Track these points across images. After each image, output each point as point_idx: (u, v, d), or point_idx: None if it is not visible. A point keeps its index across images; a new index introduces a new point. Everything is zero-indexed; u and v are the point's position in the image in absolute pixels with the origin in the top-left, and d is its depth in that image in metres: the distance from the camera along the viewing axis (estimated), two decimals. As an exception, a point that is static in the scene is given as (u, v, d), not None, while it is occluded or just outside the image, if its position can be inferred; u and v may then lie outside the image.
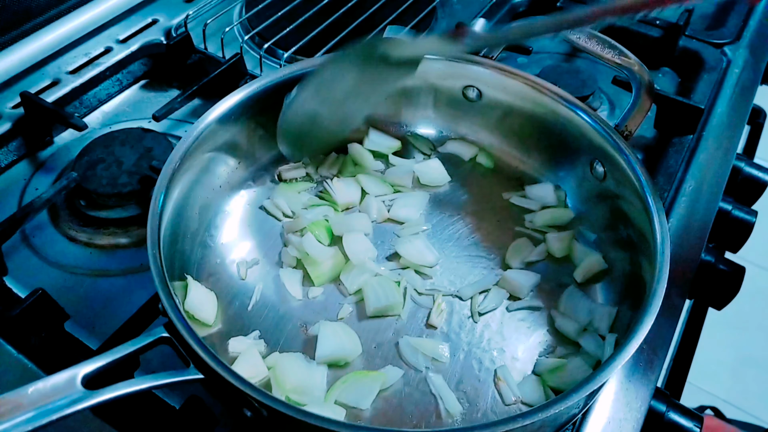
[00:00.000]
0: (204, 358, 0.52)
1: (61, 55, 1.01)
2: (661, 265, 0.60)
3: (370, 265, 0.73)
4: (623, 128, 0.72)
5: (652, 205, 0.65)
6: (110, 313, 0.72)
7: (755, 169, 0.95)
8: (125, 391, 0.51)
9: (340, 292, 0.73)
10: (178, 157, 0.69)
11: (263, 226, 0.79)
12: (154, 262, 0.59)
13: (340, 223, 0.77)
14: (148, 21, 1.09)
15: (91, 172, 0.82)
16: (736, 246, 0.91)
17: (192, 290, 0.67)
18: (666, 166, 0.89)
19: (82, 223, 0.81)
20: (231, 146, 0.78)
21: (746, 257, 1.06)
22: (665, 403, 0.68)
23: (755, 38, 1.11)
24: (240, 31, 1.10)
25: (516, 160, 0.85)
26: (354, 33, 1.03)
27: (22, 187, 0.87)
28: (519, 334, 0.70)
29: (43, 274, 0.77)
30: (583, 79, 0.96)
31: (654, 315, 0.56)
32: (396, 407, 0.64)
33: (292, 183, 0.83)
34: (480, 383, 0.66)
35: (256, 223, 0.79)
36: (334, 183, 0.81)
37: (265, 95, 0.78)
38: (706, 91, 0.99)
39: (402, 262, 0.75)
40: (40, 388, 0.49)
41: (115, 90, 1.01)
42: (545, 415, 0.50)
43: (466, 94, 0.85)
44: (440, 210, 0.82)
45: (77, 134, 0.92)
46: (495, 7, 1.15)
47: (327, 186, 0.81)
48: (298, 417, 0.50)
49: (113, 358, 0.53)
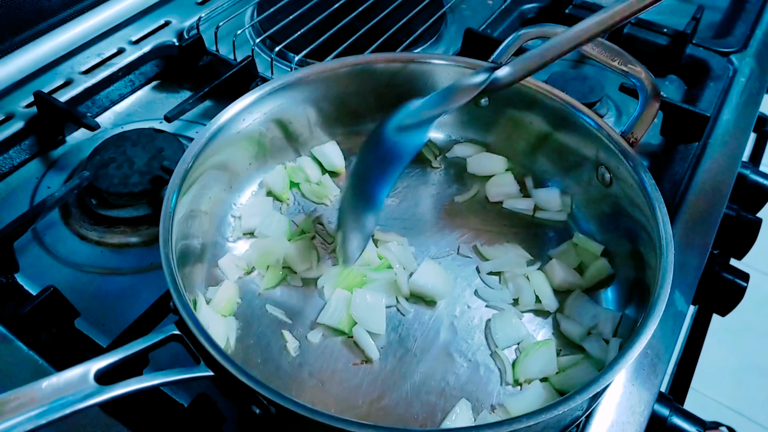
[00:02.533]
0: (214, 355, 0.53)
1: (74, 55, 1.02)
2: (665, 270, 0.61)
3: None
4: (629, 135, 0.73)
5: (657, 211, 0.66)
6: (120, 311, 0.73)
7: (760, 176, 0.96)
8: (137, 387, 0.52)
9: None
10: (191, 157, 0.69)
11: (275, 224, 0.80)
12: (166, 261, 0.59)
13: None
14: (161, 23, 1.10)
15: (102, 172, 0.83)
16: (740, 253, 0.92)
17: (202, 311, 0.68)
18: (672, 173, 0.90)
19: (93, 221, 0.82)
20: (243, 147, 0.79)
21: (752, 264, 1.06)
22: (668, 407, 0.69)
23: (762, 47, 1.12)
24: (251, 34, 1.11)
25: (523, 165, 0.86)
26: (364, 37, 1.04)
27: (35, 186, 0.88)
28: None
29: (54, 272, 0.78)
30: (590, 85, 0.97)
31: (657, 320, 0.57)
32: (402, 407, 0.65)
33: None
34: (485, 381, 0.67)
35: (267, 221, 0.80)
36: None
37: (277, 98, 0.79)
38: (713, 99, 1.00)
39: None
40: (54, 382, 0.50)
41: (127, 90, 1.02)
42: (548, 416, 0.50)
43: (476, 100, 0.85)
44: (442, 213, 0.83)
45: (89, 134, 0.93)
46: (504, 14, 1.17)
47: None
48: (307, 415, 0.50)
49: (125, 354, 0.54)
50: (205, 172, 0.73)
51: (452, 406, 0.64)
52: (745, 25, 1.17)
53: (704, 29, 1.15)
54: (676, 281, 0.76)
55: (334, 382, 0.67)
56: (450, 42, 1.13)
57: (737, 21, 1.18)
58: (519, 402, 0.64)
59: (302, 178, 0.84)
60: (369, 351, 0.68)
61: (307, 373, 0.67)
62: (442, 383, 0.67)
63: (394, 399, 0.65)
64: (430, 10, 1.15)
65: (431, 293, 0.73)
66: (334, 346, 0.70)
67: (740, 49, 1.10)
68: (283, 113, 0.81)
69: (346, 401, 0.65)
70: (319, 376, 0.67)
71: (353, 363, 0.68)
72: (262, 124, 0.79)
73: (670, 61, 1.09)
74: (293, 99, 0.81)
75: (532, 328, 0.72)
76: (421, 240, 0.80)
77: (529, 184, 0.84)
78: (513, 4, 1.18)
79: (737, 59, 1.08)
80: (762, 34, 1.14)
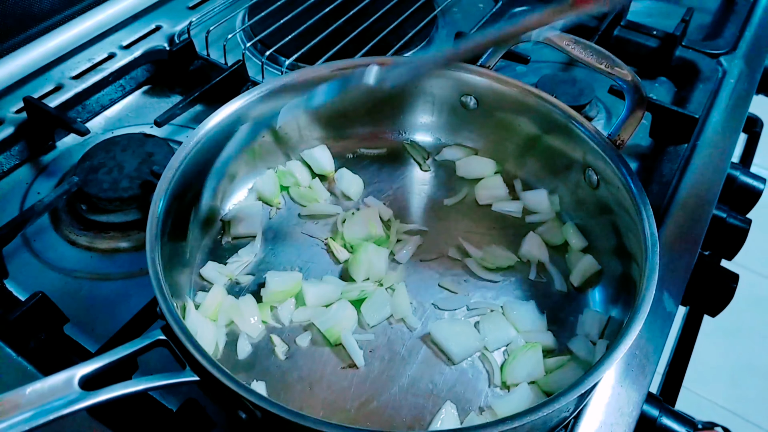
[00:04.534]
0: (200, 360, 0.53)
1: (64, 60, 1.02)
2: (651, 271, 0.61)
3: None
4: (616, 137, 0.73)
5: (642, 212, 0.66)
6: (110, 317, 0.73)
7: (750, 177, 0.96)
8: (121, 393, 0.52)
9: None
10: (179, 162, 0.70)
11: (267, 227, 0.81)
12: (152, 266, 0.60)
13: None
14: (152, 27, 1.10)
15: (92, 177, 0.83)
16: (730, 253, 0.92)
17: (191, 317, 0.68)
18: (660, 175, 0.90)
19: (83, 227, 0.82)
20: (232, 151, 0.79)
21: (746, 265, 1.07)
22: (658, 408, 0.69)
23: (751, 49, 1.12)
24: (242, 38, 1.11)
25: (512, 167, 0.86)
26: (354, 41, 1.04)
27: (24, 191, 0.88)
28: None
29: (43, 278, 0.78)
30: (580, 88, 0.98)
31: (642, 320, 0.57)
32: (390, 410, 0.65)
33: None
34: (473, 383, 0.67)
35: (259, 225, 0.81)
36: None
37: (267, 102, 0.79)
38: (702, 100, 1.00)
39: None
40: (38, 388, 0.50)
41: (117, 95, 1.02)
42: (533, 417, 0.50)
43: (464, 103, 0.86)
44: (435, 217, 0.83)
45: (79, 139, 0.93)
46: (495, 18, 1.17)
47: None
48: (293, 419, 0.50)
49: (110, 360, 0.54)
50: (193, 177, 0.73)
51: (440, 408, 0.65)
52: (734, 27, 1.17)
53: (694, 31, 1.16)
54: (665, 282, 0.76)
55: (323, 386, 0.67)
56: (441, 45, 1.13)
57: (726, 23, 1.19)
58: (507, 404, 0.64)
59: (292, 182, 0.84)
60: (355, 358, 0.68)
61: (295, 376, 0.67)
62: (430, 385, 0.67)
63: (383, 402, 0.66)
64: (421, 13, 1.15)
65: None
66: (323, 349, 0.70)
67: (729, 51, 1.11)
68: (273, 117, 0.82)
69: (334, 404, 0.65)
70: (307, 380, 0.67)
71: (342, 366, 0.68)
72: (251, 128, 0.80)
73: (660, 63, 1.09)
74: (283, 103, 0.81)
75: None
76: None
77: (518, 187, 0.85)
78: (504, 7, 1.18)
79: (726, 61, 1.09)
80: (751, 36, 1.15)
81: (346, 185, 0.84)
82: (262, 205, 0.82)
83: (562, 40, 0.80)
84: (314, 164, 0.86)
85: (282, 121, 0.81)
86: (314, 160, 0.86)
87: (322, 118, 0.86)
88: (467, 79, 0.83)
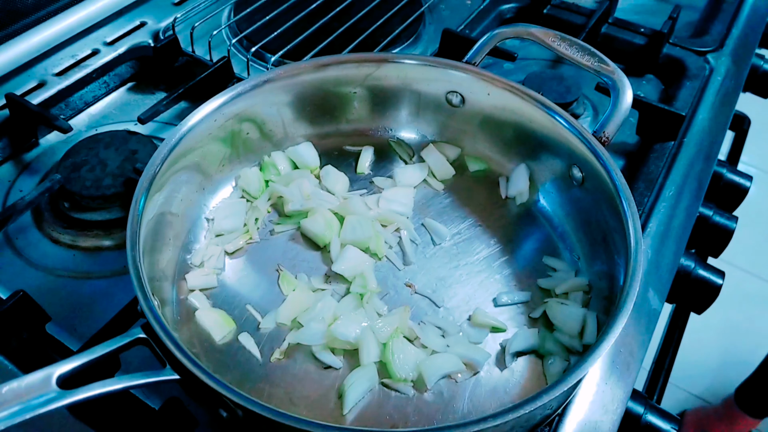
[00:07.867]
0: (180, 358, 0.52)
1: (47, 56, 1.01)
2: (634, 269, 0.61)
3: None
4: (601, 134, 0.73)
5: (626, 209, 0.66)
6: (92, 315, 0.73)
7: (736, 175, 0.96)
8: (100, 391, 0.51)
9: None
10: (160, 160, 0.69)
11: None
12: (132, 264, 0.59)
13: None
14: (136, 23, 1.09)
15: (75, 174, 0.83)
16: (716, 251, 0.92)
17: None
18: (647, 172, 0.90)
19: (66, 225, 0.82)
20: (216, 148, 0.79)
21: (733, 262, 1.07)
22: (643, 405, 0.69)
23: (738, 46, 1.12)
24: (228, 35, 1.10)
25: (497, 164, 0.86)
26: (341, 37, 1.04)
27: (7, 189, 0.87)
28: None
29: (25, 276, 0.77)
30: (567, 85, 0.97)
31: (626, 317, 0.57)
32: (373, 408, 0.65)
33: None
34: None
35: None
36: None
37: (250, 98, 0.79)
38: (689, 98, 1.00)
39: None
40: (15, 387, 0.49)
41: (101, 92, 1.01)
42: (516, 415, 0.50)
43: (450, 100, 0.85)
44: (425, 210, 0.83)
45: (63, 136, 0.93)
46: (483, 14, 1.17)
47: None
48: (273, 417, 0.50)
49: (89, 358, 0.53)
50: (175, 174, 0.73)
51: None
52: (721, 25, 1.17)
53: (681, 29, 1.16)
54: (650, 280, 0.76)
55: (306, 384, 0.66)
56: (428, 42, 1.12)
57: (714, 20, 1.19)
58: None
59: (273, 174, 0.84)
60: (333, 364, 0.68)
61: (279, 374, 0.67)
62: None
63: (366, 400, 0.65)
64: (408, 10, 1.14)
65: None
66: (307, 348, 0.69)
67: (716, 49, 1.11)
68: (257, 114, 0.81)
69: (317, 403, 0.65)
70: (291, 378, 0.67)
71: (324, 367, 0.68)
72: (235, 124, 0.79)
73: (648, 60, 1.09)
74: (267, 99, 0.81)
75: (505, 318, 0.72)
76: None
77: (503, 184, 0.84)
78: (491, 4, 1.18)
79: (713, 58, 1.09)
80: (738, 34, 1.15)
81: (332, 182, 0.84)
82: (246, 203, 0.81)
83: (549, 36, 0.80)
84: (299, 161, 0.85)
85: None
86: (299, 156, 0.85)
87: (307, 116, 0.86)
88: (453, 76, 0.83)
